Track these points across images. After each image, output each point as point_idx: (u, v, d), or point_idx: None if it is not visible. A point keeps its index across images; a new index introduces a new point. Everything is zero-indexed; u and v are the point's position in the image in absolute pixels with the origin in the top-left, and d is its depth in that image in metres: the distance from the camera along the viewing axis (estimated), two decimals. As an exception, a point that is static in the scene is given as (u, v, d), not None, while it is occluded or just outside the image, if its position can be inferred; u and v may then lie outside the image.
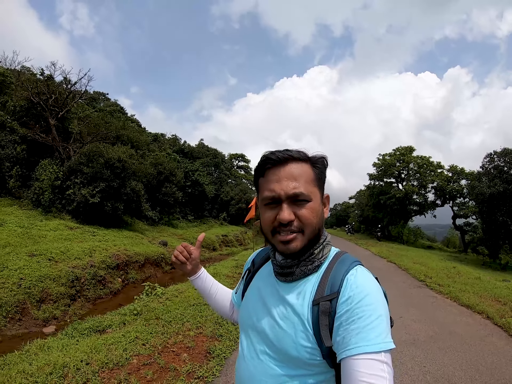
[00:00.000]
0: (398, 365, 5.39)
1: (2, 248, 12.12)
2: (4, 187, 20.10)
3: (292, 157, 1.23)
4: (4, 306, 9.00)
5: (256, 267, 1.54)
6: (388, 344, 1.07)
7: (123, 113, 44.36)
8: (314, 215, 1.23)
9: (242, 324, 1.45)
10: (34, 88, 22.20)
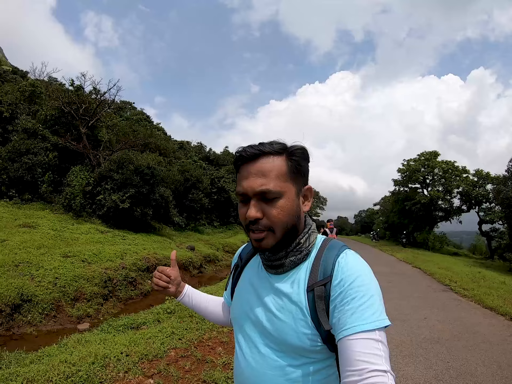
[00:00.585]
0: (423, 360, 5.58)
1: (36, 249, 12.49)
2: (36, 192, 20.76)
3: (263, 152, 1.21)
4: (40, 303, 9.29)
5: (244, 262, 1.53)
6: (383, 321, 1.09)
7: (149, 122, 45.07)
8: (284, 213, 1.21)
9: (236, 320, 1.44)
10: (65, 98, 22.89)
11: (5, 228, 14.69)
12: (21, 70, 57.83)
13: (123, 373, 4.69)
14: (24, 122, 22.37)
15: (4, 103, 23.77)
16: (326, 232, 13.51)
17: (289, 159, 1.23)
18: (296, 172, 1.24)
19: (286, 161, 1.22)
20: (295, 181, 1.24)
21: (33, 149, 20.50)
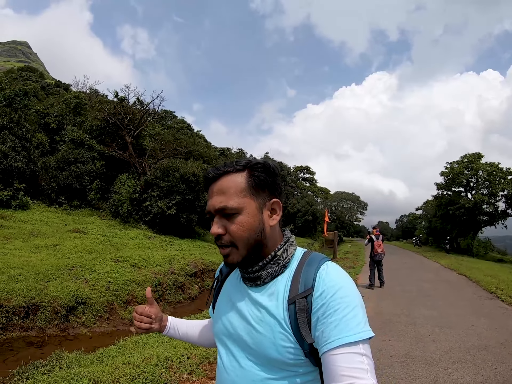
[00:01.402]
0: (471, 366, 5.64)
1: (88, 253, 12.84)
2: (84, 199, 21.54)
3: (224, 171, 1.22)
4: (94, 306, 9.53)
5: (224, 276, 1.50)
6: (367, 333, 1.07)
7: (190, 129, 45.76)
8: (244, 229, 1.20)
9: (217, 334, 1.41)
10: (111, 109, 23.70)
11: (57, 233, 15.18)
12: (63, 83, 60.18)
13: (186, 374, 4.71)
14: (71, 132, 23.24)
15: (51, 115, 24.78)
16: (372, 238, 13.12)
17: (249, 174, 1.22)
18: (257, 186, 1.22)
19: (246, 177, 1.22)
20: (256, 195, 1.22)
21: (81, 158, 21.27)
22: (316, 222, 47.99)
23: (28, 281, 9.38)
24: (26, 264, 10.44)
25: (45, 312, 8.70)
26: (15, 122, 20.03)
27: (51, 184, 20.30)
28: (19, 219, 16.64)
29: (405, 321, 8.30)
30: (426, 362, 5.79)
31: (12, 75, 51.27)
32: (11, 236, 13.92)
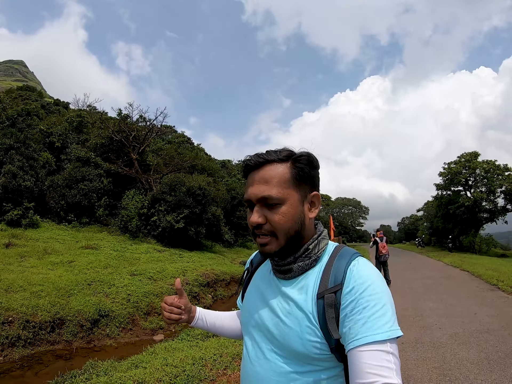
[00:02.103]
0: (475, 346, 6.30)
1: (103, 268, 13.24)
2: (93, 216, 21.95)
3: (267, 160, 1.23)
4: (117, 317, 9.92)
5: (255, 267, 1.51)
6: (395, 332, 1.07)
7: (190, 143, 46.08)
8: (286, 219, 1.21)
9: (244, 324, 1.42)
10: (116, 127, 24.25)
11: (70, 250, 15.49)
12: (62, 102, 60.50)
13: (222, 370, 5.12)
14: (76, 151, 23.60)
15: (55, 134, 25.14)
16: (377, 241, 13.58)
17: (293, 166, 1.23)
18: (300, 179, 1.23)
19: (290, 168, 1.23)
20: (299, 187, 1.24)
21: (88, 176, 21.70)
22: (319, 229, 48.03)
23: (51, 297, 9.70)
24: (46, 281, 10.75)
25: (70, 325, 9.03)
26: (21, 142, 20.41)
27: (60, 202, 20.66)
28: (31, 237, 16.91)
29: (413, 314, 8.86)
30: (434, 345, 6.41)
31: (12, 95, 51.60)
32: (25, 254, 14.21)
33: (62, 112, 45.83)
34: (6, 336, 8.08)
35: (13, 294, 9.57)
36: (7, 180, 18.18)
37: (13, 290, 9.83)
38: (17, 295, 9.51)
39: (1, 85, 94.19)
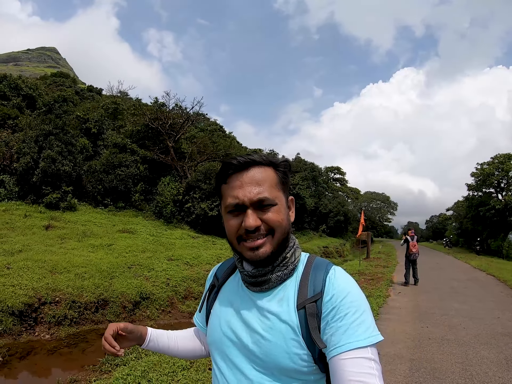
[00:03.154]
0: (495, 347, 6.65)
1: (141, 252, 13.72)
2: (128, 200, 22.51)
3: (254, 161, 1.17)
4: (157, 300, 10.37)
5: (221, 281, 1.41)
6: (376, 337, 1.08)
7: (222, 131, 46.65)
8: (282, 217, 1.18)
9: (215, 345, 1.31)
10: (153, 115, 24.74)
11: (108, 233, 16.01)
12: (95, 88, 61.43)
13: None
14: (113, 137, 24.08)
15: (91, 120, 25.75)
16: (408, 239, 13.62)
17: (277, 170, 1.21)
18: (283, 183, 1.22)
19: (275, 172, 1.21)
20: (284, 191, 1.23)
21: (124, 162, 22.31)
22: (347, 222, 48.13)
23: (94, 279, 10.15)
24: (88, 263, 11.22)
25: (113, 306, 9.47)
26: (59, 128, 20.99)
27: (97, 186, 21.34)
28: (69, 220, 17.54)
29: (439, 313, 9.16)
30: (458, 343, 6.82)
31: (47, 81, 52.72)
32: (65, 236, 14.75)
33: (96, 98, 46.62)
34: (53, 315, 8.54)
35: (58, 275, 10.02)
36: (46, 165, 18.78)
37: (58, 271, 10.28)
38: (62, 276, 9.97)
39: (35, 71, 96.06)
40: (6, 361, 6.85)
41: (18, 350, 7.40)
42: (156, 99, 27.11)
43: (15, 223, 15.53)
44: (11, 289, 8.63)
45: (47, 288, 9.07)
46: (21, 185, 19.64)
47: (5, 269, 9.81)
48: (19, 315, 8.16)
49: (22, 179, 19.50)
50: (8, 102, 28.70)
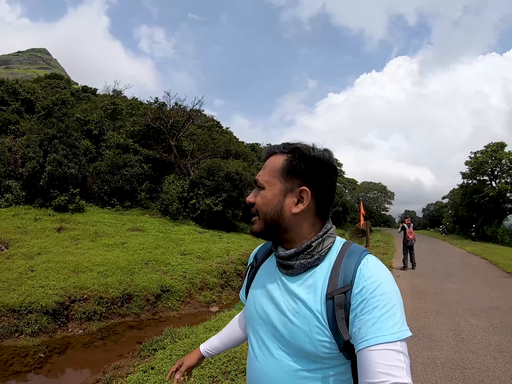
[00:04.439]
0: (484, 317, 7.71)
1: (154, 249, 14.46)
2: (134, 199, 23.25)
3: (273, 151, 1.31)
4: (177, 292, 11.16)
5: (259, 262, 1.49)
6: (404, 333, 1.08)
7: (219, 127, 47.05)
8: (263, 202, 1.25)
9: (249, 322, 1.41)
10: (155, 114, 25.60)
11: (119, 232, 16.66)
12: (90, 88, 61.21)
13: None
14: (115, 138, 24.62)
15: (92, 122, 26.08)
16: (405, 227, 14.51)
17: (287, 157, 1.25)
18: (288, 171, 1.24)
19: (284, 160, 1.25)
20: (286, 179, 1.24)
21: (129, 162, 22.96)
22: (345, 213, 48.75)
23: (116, 276, 10.86)
24: (107, 261, 11.90)
25: (137, 300, 10.19)
26: (63, 132, 21.33)
27: (103, 187, 21.96)
28: (79, 221, 18.07)
29: (435, 292, 10.21)
30: (451, 315, 7.88)
31: (41, 84, 52.65)
32: (78, 237, 15.32)
33: (92, 99, 46.68)
34: (83, 311, 9.21)
35: (81, 274, 10.68)
36: (53, 168, 19.19)
37: (80, 270, 10.93)
38: (85, 275, 10.64)
39: (26, 73, 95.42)
40: (47, 357, 7.41)
41: (55, 346, 7.96)
42: (156, 99, 27.82)
43: (27, 227, 15.94)
44: (41, 290, 9.24)
45: (75, 287, 9.73)
46: (28, 190, 20.02)
47: (29, 272, 10.39)
48: (52, 313, 8.77)
49: (28, 183, 19.90)
50: (7, 107, 28.80)
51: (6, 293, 8.92)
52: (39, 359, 7.23)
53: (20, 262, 11.25)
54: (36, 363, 7.09)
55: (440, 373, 4.89)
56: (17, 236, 14.37)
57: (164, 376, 4.99)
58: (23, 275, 10.11)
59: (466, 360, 5.31)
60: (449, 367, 5.06)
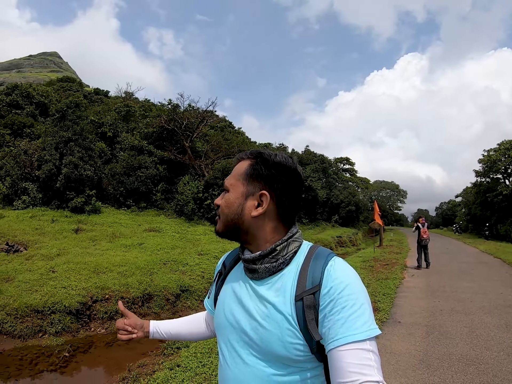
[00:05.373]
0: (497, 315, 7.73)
1: (172, 249, 14.63)
2: (149, 200, 23.49)
3: (242, 157, 1.34)
4: (196, 292, 11.28)
5: (228, 269, 1.47)
6: (374, 331, 1.08)
7: (232, 127, 47.29)
8: (225, 204, 1.28)
9: (219, 329, 1.38)
10: (169, 116, 25.72)
11: (136, 233, 16.84)
12: (102, 90, 61.65)
13: None
14: (129, 139, 24.82)
15: (106, 124, 26.35)
16: (419, 226, 14.47)
17: (250, 162, 1.28)
18: (251, 176, 1.26)
19: (248, 164, 1.28)
20: (248, 182, 1.26)
21: (144, 164, 23.24)
22: (359, 212, 48.49)
23: (136, 276, 10.97)
24: (126, 262, 12.04)
25: (157, 300, 10.28)
26: (78, 134, 21.63)
27: (119, 188, 22.25)
28: (96, 222, 18.33)
29: (449, 290, 10.25)
30: (465, 313, 7.93)
31: (54, 87, 53.09)
32: (96, 238, 15.52)
33: (104, 101, 47.00)
34: (105, 311, 9.32)
35: (102, 275, 10.81)
36: (69, 171, 19.51)
37: (101, 271, 11.07)
38: (106, 275, 10.78)
39: (38, 77, 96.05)
40: (72, 356, 7.51)
41: (79, 345, 8.08)
42: (170, 101, 27.96)
43: (45, 229, 16.22)
44: (64, 291, 9.36)
45: (96, 287, 9.85)
46: (44, 191, 20.37)
47: (50, 273, 10.55)
48: (75, 313, 8.90)
49: (45, 185, 20.26)
50: (22, 111, 29.30)
51: (29, 294, 9.05)
52: (63, 358, 7.34)
53: (40, 263, 11.43)
54: (61, 362, 7.21)
55: (455, 368, 5.02)
56: (35, 238, 14.60)
57: (191, 373, 5.04)
58: (44, 276, 10.25)
59: (480, 356, 5.42)
60: (464, 363, 5.18)
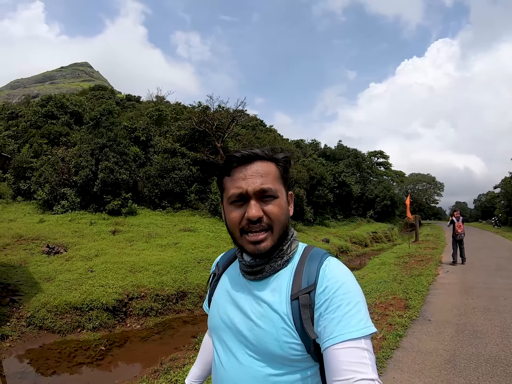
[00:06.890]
0: None
1: (206, 248, 14.91)
2: (183, 201, 24.03)
3: (257, 155, 1.20)
4: None
5: (221, 270, 1.45)
6: (369, 329, 1.08)
7: (263, 126, 47.27)
8: (282, 212, 1.20)
9: (214, 330, 1.36)
10: (200, 118, 26.17)
11: (171, 233, 17.13)
12: (134, 96, 62.64)
13: None
14: (162, 143, 25.36)
15: (138, 129, 26.97)
16: (454, 220, 13.95)
17: (278, 165, 1.24)
18: (284, 178, 1.25)
19: (277, 167, 1.23)
20: (284, 185, 1.25)
21: (177, 166, 23.72)
22: (394, 206, 47.66)
23: (171, 274, 11.22)
24: (161, 261, 12.29)
25: (191, 297, 10.50)
26: (112, 140, 22.28)
27: (154, 190, 22.76)
28: (132, 224, 18.75)
29: (484, 287, 9.66)
30: (498, 311, 7.41)
31: (87, 96, 54.39)
32: (132, 239, 15.88)
33: (136, 106, 47.82)
34: (141, 308, 9.57)
35: (138, 273, 11.08)
36: (105, 175, 20.12)
37: (137, 270, 11.34)
38: (142, 274, 11.04)
39: (71, 87, 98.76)
40: (108, 350, 7.79)
41: (115, 340, 8.35)
42: (199, 103, 28.34)
43: (83, 231, 16.76)
44: (101, 289, 9.69)
45: (132, 285, 10.13)
46: (82, 196, 21.14)
47: (89, 273, 10.90)
48: (112, 310, 9.19)
49: (82, 190, 21.01)
50: (57, 120, 30.43)
51: (68, 292, 9.42)
52: (100, 352, 7.64)
53: (79, 263, 11.82)
54: (97, 355, 7.50)
55: (482, 369, 4.75)
56: (74, 240, 15.06)
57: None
58: (83, 276, 10.62)
59: (510, 358, 5.10)
60: (492, 364, 4.90)
